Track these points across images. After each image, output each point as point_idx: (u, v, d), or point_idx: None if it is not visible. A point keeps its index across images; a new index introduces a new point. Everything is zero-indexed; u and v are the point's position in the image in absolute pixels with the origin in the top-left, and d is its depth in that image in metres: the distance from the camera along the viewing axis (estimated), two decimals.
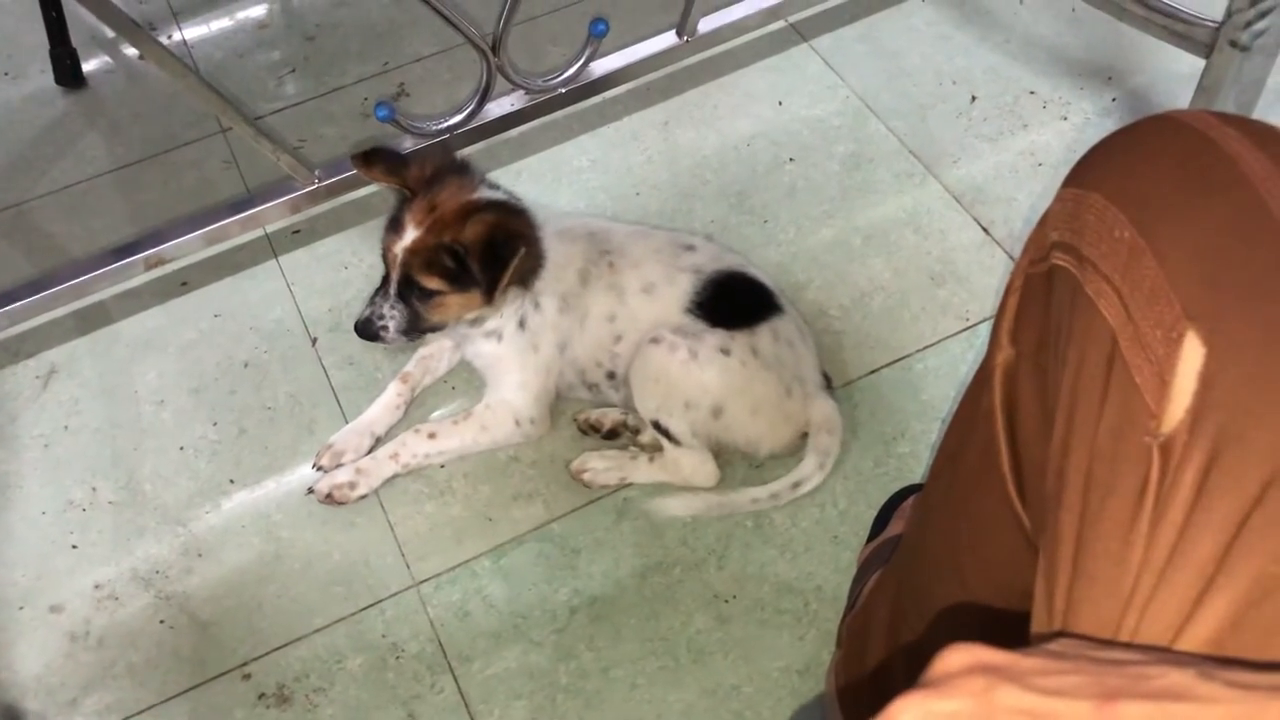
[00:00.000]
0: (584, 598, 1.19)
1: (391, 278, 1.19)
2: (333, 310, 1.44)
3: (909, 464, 1.27)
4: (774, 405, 1.22)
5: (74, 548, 1.26)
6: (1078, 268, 0.59)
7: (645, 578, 1.20)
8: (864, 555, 1.17)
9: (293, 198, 1.42)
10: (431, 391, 1.36)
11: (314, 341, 1.41)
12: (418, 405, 1.34)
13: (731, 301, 1.24)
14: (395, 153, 1.24)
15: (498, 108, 1.47)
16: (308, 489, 1.27)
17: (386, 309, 1.20)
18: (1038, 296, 0.65)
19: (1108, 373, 0.55)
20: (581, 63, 1.48)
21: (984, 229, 1.47)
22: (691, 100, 1.64)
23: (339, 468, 1.27)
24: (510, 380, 1.27)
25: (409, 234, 1.16)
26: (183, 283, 1.48)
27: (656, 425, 1.22)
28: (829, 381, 1.28)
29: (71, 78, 1.71)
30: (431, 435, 1.27)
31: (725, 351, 1.20)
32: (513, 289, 1.20)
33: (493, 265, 1.14)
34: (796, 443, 1.25)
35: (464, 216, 1.16)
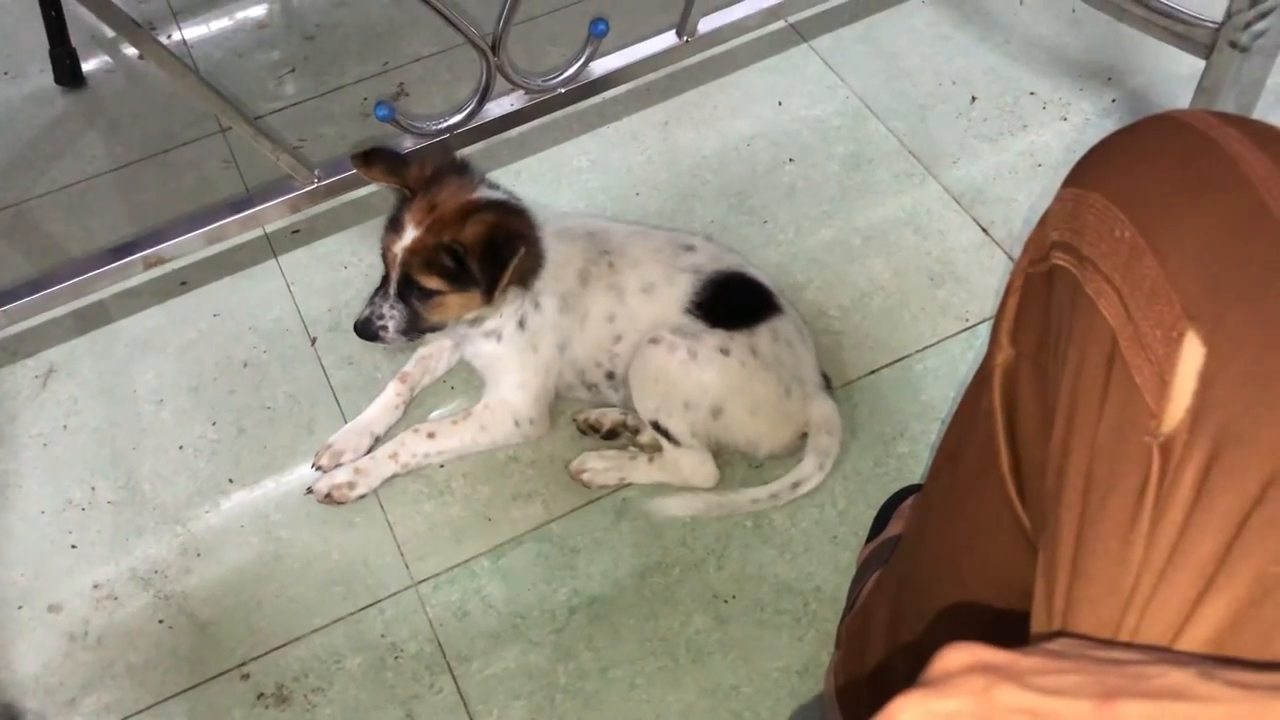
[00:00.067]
0: (583, 598, 1.19)
1: (391, 277, 1.19)
2: (332, 310, 1.43)
3: (908, 464, 1.27)
4: (773, 405, 1.22)
5: (73, 547, 1.26)
6: (1078, 267, 0.59)
7: (644, 578, 1.20)
8: (863, 555, 1.17)
9: (292, 197, 1.42)
10: (430, 391, 1.36)
11: (313, 341, 1.41)
12: (417, 405, 1.34)
13: (731, 302, 1.24)
14: (395, 152, 1.24)
15: (497, 108, 1.47)
16: (307, 489, 1.27)
17: (386, 309, 1.20)
18: (1038, 296, 0.65)
19: (1108, 372, 0.55)
20: (581, 63, 1.48)
21: (983, 229, 1.47)
22: (691, 100, 1.64)
23: (338, 467, 1.27)
24: (509, 380, 1.27)
25: (409, 234, 1.16)
26: (182, 282, 1.48)
27: (656, 425, 1.22)
28: (828, 382, 1.28)
29: (71, 77, 1.71)
30: (431, 435, 1.27)
31: (724, 352, 1.20)
32: (512, 289, 1.20)
33: (492, 265, 1.14)
34: (796, 443, 1.25)
35: (464, 216, 1.16)
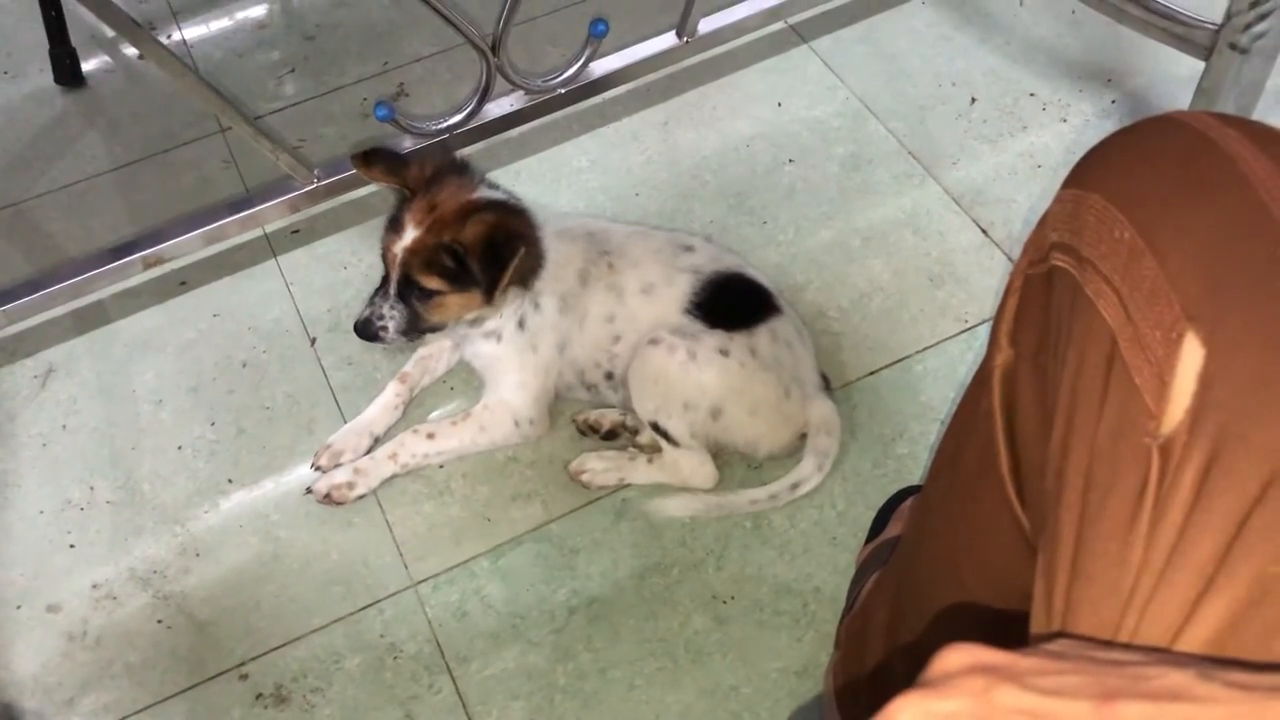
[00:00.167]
0: (582, 598, 1.19)
1: (391, 278, 1.19)
2: (331, 310, 1.43)
3: (907, 465, 1.27)
4: (772, 406, 1.22)
5: (72, 547, 1.26)
6: (1077, 268, 0.59)
7: (643, 578, 1.20)
8: (862, 556, 1.17)
9: (292, 197, 1.42)
10: (430, 392, 1.36)
11: (313, 341, 1.41)
12: (416, 405, 1.34)
13: (730, 302, 1.24)
14: (395, 153, 1.24)
15: (497, 108, 1.47)
16: (306, 489, 1.27)
17: (386, 309, 1.20)
18: (1037, 297, 0.65)
19: (1107, 373, 0.55)
20: (581, 63, 1.48)
21: (983, 230, 1.47)
22: (691, 101, 1.64)
23: (337, 468, 1.27)
24: (509, 381, 1.27)
25: (409, 234, 1.16)
26: (181, 282, 1.48)
27: (655, 426, 1.22)
28: (827, 383, 1.28)
29: (71, 77, 1.71)
30: (430, 435, 1.27)
31: (724, 352, 1.20)
32: (512, 289, 1.20)
33: (493, 265, 1.14)
34: (795, 444, 1.25)
35: (464, 216, 1.16)
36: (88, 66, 1.73)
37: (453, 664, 1.16)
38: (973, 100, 1.62)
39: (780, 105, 1.62)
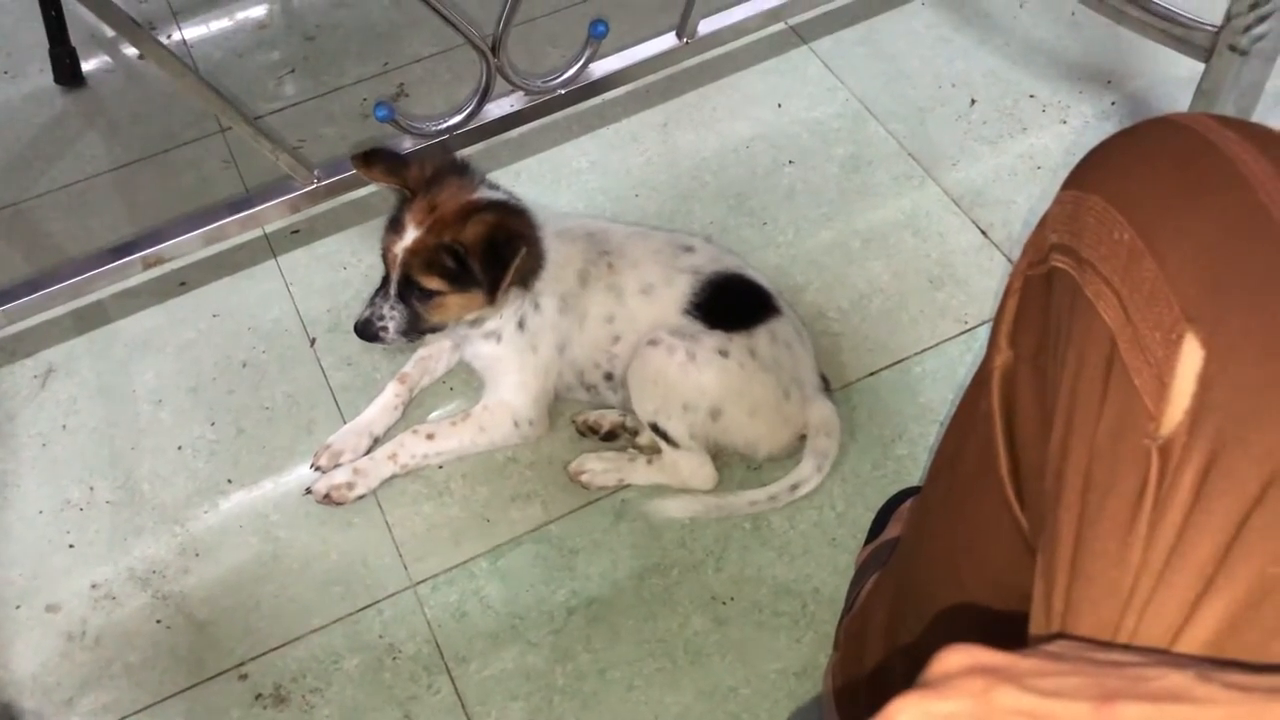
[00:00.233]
0: (581, 599, 1.19)
1: (391, 278, 1.19)
2: (331, 310, 1.43)
3: (907, 466, 1.27)
4: (772, 407, 1.22)
5: (71, 547, 1.26)
6: (1077, 270, 0.59)
7: (643, 579, 1.20)
8: (862, 557, 1.17)
9: (292, 198, 1.42)
10: (430, 392, 1.36)
11: (312, 342, 1.41)
12: (416, 406, 1.34)
13: (730, 303, 1.24)
14: (395, 153, 1.24)
15: (497, 108, 1.47)
16: (305, 489, 1.27)
17: (386, 309, 1.20)
18: (1037, 299, 0.65)
19: (1107, 374, 0.55)
20: (581, 64, 1.48)
21: (983, 232, 1.47)
22: (691, 102, 1.64)
23: (337, 468, 1.27)
24: (509, 381, 1.27)
25: (409, 234, 1.16)
26: (181, 282, 1.48)
27: (654, 427, 1.22)
28: (827, 384, 1.28)
29: (71, 77, 1.71)
30: (430, 436, 1.27)
31: (723, 353, 1.20)
32: (513, 289, 1.20)
33: (494, 265, 1.14)
34: (794, 445, 1.25)
35: (464, 216, 1.16)
36: (88, 66, 1.73)
37: (452, 664, 1.16)
38: (972, 102, 1.62)
39: (780, 106, 1.62)
